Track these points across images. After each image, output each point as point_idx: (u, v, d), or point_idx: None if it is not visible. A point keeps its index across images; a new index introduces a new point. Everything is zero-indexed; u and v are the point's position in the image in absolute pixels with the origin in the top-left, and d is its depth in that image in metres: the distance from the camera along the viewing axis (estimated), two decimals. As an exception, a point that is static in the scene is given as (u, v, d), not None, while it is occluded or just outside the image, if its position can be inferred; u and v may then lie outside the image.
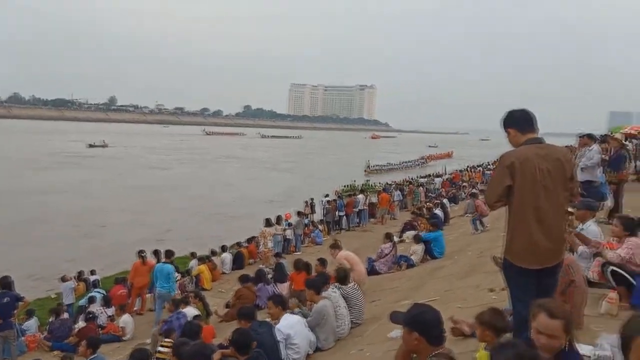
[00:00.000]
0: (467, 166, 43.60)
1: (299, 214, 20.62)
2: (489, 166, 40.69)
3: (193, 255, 15.84)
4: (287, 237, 18.67)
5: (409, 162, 60.57)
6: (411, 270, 10.91)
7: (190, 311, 8.99)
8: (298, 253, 17.78)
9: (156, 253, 13.46)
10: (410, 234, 15.16)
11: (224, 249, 17.03)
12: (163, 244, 15.59)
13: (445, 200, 22.65)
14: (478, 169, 41.36)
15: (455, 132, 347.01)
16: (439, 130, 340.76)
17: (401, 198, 26.91)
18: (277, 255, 14.62)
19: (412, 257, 11.28)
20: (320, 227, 21.29)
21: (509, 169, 3.50)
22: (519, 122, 3.68)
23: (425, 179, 36.26)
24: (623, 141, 10.91)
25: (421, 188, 29.81)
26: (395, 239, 14.94)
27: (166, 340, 7.29)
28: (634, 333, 1.22)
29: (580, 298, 4.38)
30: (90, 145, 71.84)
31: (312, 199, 26.25)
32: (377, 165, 54.01)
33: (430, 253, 11.41)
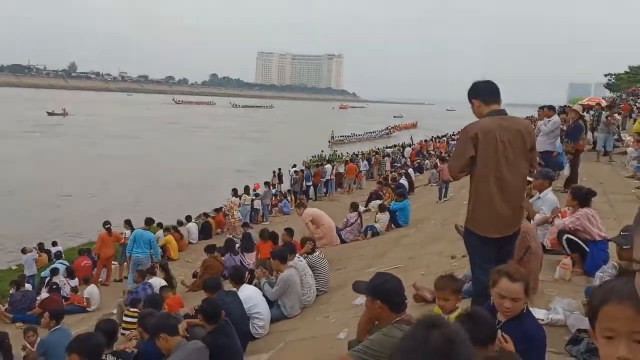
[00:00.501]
0: (432, 136, 44.09)
1: (266, 184, 20.62)
2: (453, 136, 41.26)
3: (159, 225, 15.73)
4: (255, 207, 18.69)
5: (373, 132, 60.48)
6: (376, 239, 11.10)
7: (157, 281, 8.98)
8: (266, 223, 17.84)
9: (128, 222, 13.73)
10: (375, 203, 15.35)
11: (188, 219, 16.97)
12: (128, 214, 15.35)
13: (410, 170, 22.98)
14: (443, 138, 41.92)
15: (421, 102, 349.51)
16: (406, 101, 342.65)
17: (368, 168, 27.17)
18: (245, 225, 14.65)
19: (377, 225, 11.46)
20: (288, 197, 21.35)
21: (472, 140, 3.56)
22: (483, 93, 3.75)
23: (392, 149, 36.57)
24: (581, 112, 11.18)
25: (387, 158, 30.08)
26: (361, 208, 15.17)
27: (132, 310, 7.30)
28: (601, 303, 1.29)
29: (536, 264, 4.56)
30: (49, 114, 69.48)
31: (279, 170, 26.23)
32: (341, 136, 53.84)
33: (395, 222, 11.61)
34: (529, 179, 6.16)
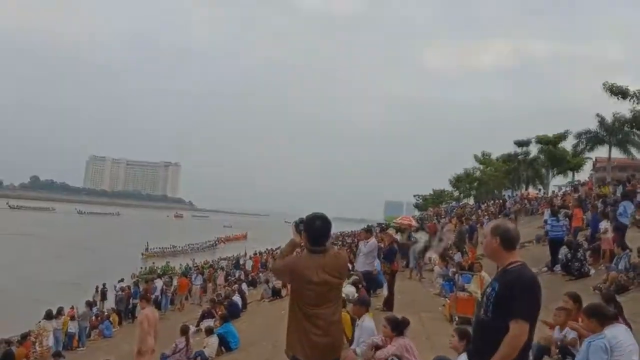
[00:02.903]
0: (267, 249, 44.87)
1: (87, 303, 18.81)
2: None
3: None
4: (70, 330, 16.74)
5: (196, 244, 58.64)
6: (206, 365, 10.62)
7: None
8: (82, 349, 16.01)
9: None
10: (207, 322, 14.85)
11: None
12: None
13: (244, 285, 22.85)
14: (277, 251, 42.82)
15: (256, 213, 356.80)
16: (241, 211, 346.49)
17: (201, 282, 26.36)
18: (56, 355, 12.94)
19: (206, 350, 11.01)
20: (111, 317, 19.61)
21: (290, 274, 3.83)
22: (313, 234, 3.87)
23: (226, 262, 36.24)
24: (394, 236, 12.52)
25: (221, 271, 29.63)
26: (192, 329, 14.53)
27: None
28: None
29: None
30: None
31: (104, 285, 24.27)
32: (158, 248, 51.48)
33: (226, 345, 11.29)
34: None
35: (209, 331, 11.62)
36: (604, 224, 12.25)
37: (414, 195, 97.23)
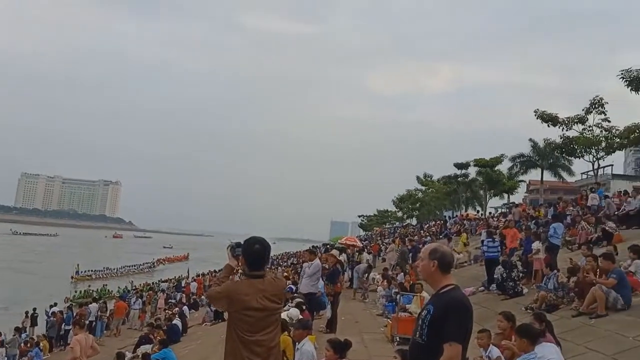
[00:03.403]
0: (209, 270, 43.99)
1: (16, 329, 17.75)
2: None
3: None
4: (-4, 359, 15.77)
5: (133, 266, 56.24)
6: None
7: None
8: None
9: None
10: (145, 348, 14.33)
11: None
12: None
13: (185, 308, 22.24)
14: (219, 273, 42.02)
15: (200, 233, 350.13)
16: (184, 232, 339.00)
17: (140, 305, 25.43)
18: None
19: (142, 377, 10.63)
20: (41, 344, 18.53)
21: (227, 300, 3.71)
22: (252, 258, 3.80)
23: (167, 284, 35.21)
24: (338, 257, 12.60)
25: (162, 294, 28.72)
26: (128, 355, 13.99)
27: None
28: None
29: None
30: None
31: (35, 310, 22.97)
32: (90, 271, 48.53)
33: (164, 371, 10.93)
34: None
35: (146, 357, 11.21)
36: (536, 245, 12.84)
37: (359, 216, 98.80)
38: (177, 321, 17.47)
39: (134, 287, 33.12)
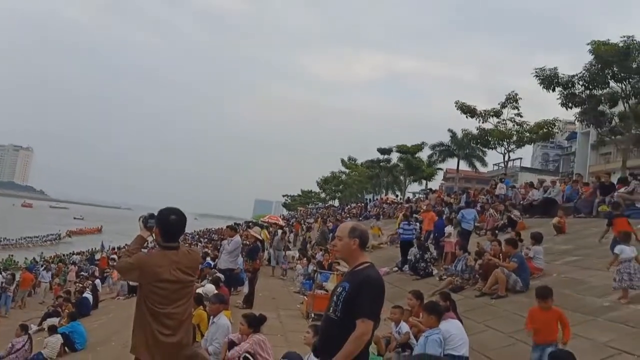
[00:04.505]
0: (125, 244, 42.55)
1: None
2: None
3: None
4: None
5: (35, 237, 52.79)
6: (46, 367, 9.80)
7: None
8: None
9: None
10: (51, 321, 13.70)
11: None
12: None
13: (97, 281, 21.41)
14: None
15: (118, 206, 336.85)
16: (101, 204, 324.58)
17: (50, 279, 24.21)
18: None
19: (45, 351, 10.13)
20: None
21: (139, 271, 3.61)
22: (167, 229, 3.72)
23: (79, 257, 33.74)
24: (258, 236, 12.63)
25: (73, 266, 27.48)
26: (34, 327, 13.33)
27: None
28: None
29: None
30: None
31: None
32: None
33: (71, 345, 10.50)
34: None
35: (52, 329, 10.73)
36: (448, 229, 13.54)
37: (283, 195, 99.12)
38: (87, 294, 16.81)
39: (43, 259, 31.42)
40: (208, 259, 16.28)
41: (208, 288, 9.30)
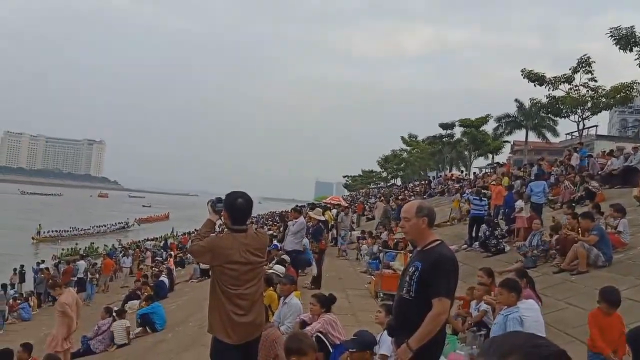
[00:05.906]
0: (195, 229, 44.05)
1: (3, 286, 17.80)
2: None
3: None
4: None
5: (103, 226, 54.28)
6: (130, 347, 10.35)
7: None
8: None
9: None
10: (133, 304, 14.46)
11: None
12: None
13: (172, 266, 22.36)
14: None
15: (185, 193, 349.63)
16: (170, 191, 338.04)
17: (130, 264, 25.49)
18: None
19: (115, 338, 10.67)
20: (30, 299, 18.63)
21: (211, 254, 3.71)
22: (235, 212, 3.80)
23: (153, 242, 35.31)
24: (319, 217, 12.60)
25: (148, 252, 28.82)
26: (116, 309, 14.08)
27: None
28: None
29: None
30: None
31: (22, 266, 22.99)
32: (54, 231, 46.62)
33: (151, 326, 11.03)
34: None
35: (120, 314, 11.34)
36: (520, 203, 12.98)
37: (344, 176, 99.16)
38: (164, 278, 17.59)
39: (120, 245, 33.16)
40: (275, 241, 16.54)
41: (278, 268, 9.44)
